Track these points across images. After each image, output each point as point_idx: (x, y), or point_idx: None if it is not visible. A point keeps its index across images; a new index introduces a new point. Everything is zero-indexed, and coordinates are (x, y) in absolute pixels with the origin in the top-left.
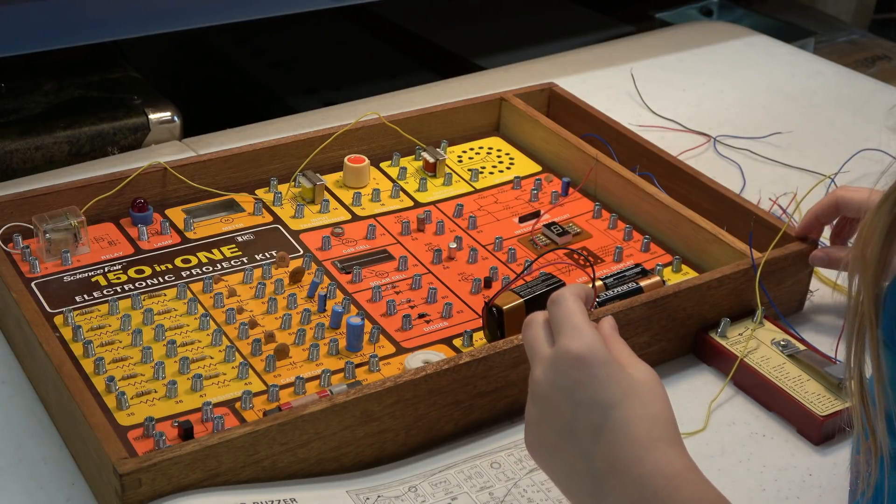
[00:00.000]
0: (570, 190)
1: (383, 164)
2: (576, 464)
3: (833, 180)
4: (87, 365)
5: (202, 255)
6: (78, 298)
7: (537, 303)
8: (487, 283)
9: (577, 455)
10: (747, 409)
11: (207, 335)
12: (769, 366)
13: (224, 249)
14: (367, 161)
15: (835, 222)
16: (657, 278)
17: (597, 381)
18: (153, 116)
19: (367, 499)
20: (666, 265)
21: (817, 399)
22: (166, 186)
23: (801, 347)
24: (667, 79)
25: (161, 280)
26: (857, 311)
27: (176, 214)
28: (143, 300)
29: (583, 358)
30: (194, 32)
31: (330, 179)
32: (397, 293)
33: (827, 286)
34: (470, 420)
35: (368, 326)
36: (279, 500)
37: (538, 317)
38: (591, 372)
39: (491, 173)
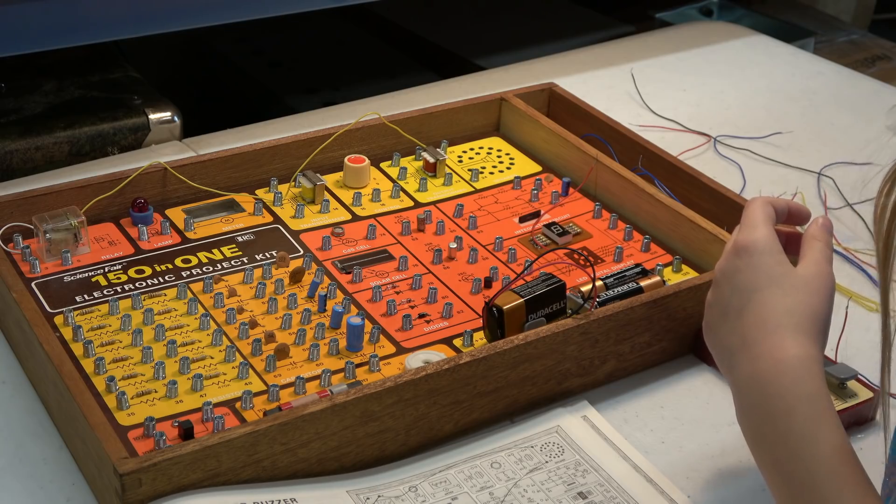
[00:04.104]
0: (571, 190)
1: (383, 164)
2: (724, 339)
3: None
4: (88, 365)
5: (202, 255)
6: (78, 298)
7: (538, 303)
8: (488, 283)
9: (726, 332)
10: None
11: (208, 335)
12: None
13: (224, 249)
14: (367, 161)
15: None
16: (657, 278)
17: (752, 269)
18: (153, 116)
19: (368, 499)
20: (666, 265)
21: None
22: (166, 186)
23: None
24: (667, 79)
25: (161, 280)
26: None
27: (176, 214)
28: (144, 300)
29: (745, 247)
30: (194, 32)
31: (330, 179)
32: (397, 293)
33: None
34: (470, 420)
35: (369, 326)
36: (279, 500)
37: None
38: (750, 260)
39: (491, 173)
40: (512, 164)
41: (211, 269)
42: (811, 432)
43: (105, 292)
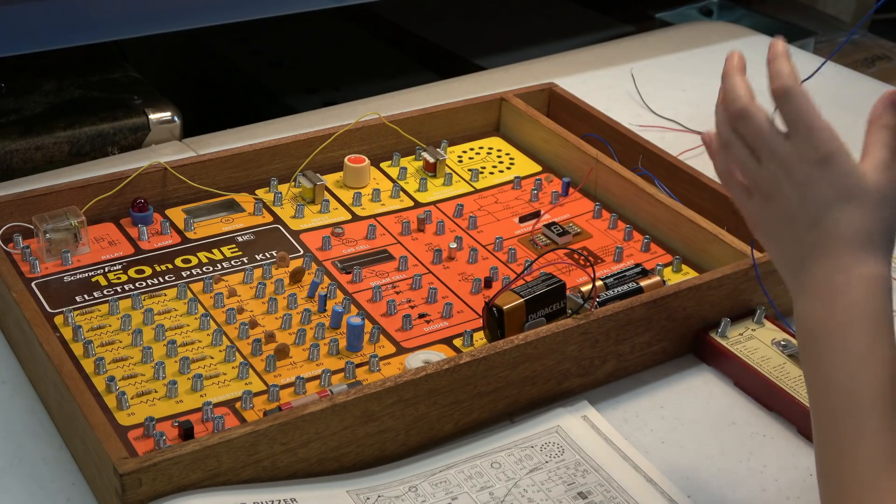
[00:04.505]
0: (571, 190)
1: (383, 164)
2: (790, 244)
3: None
4: (88, 365)
5: (202, 255)
6: (78, 298)
7: (538, 303)
8: (488, 283)
9: (793, 239)
10: (747, 409)
11: (208, 335)
12: (769, 366)
13: (224, 249)
14: (367, 161)
15: None
16: (657, 278)
17: (827, 182)
18: (153, 116)
19: (368, 499)
20: (666, 265)
21: None
22: (166, 186)
23: None
24: (667, 79)
25: (161, 280)
26: None
27: (176, 214)
28: (144, 300)
29: (824, 159)
30: (194, 32)
31: (330, 179)
32: (397, 293)
33: None
34: (470, 420)
35: (369, 326)
36: (279, 500)
37: (759, 113)
38: (827, 172)
39: (491, 173)
40: (512, 164)
41: (211, 269)
42: (866, 346)
43: (105, 292)
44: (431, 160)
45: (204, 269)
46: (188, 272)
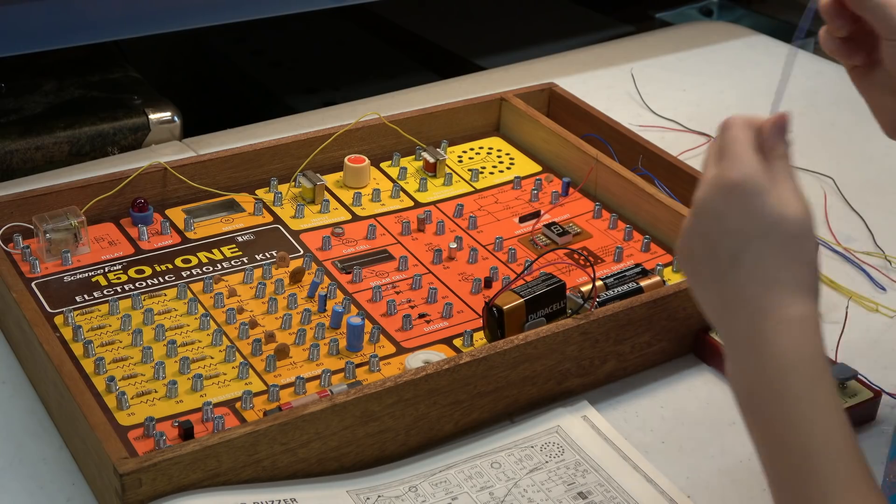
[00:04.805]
0: (571, 190)
1: (383, 164)
2: (711, 283)
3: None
4: (88, 365)
5: (202, 255)
6: (78, 298)
7: (538, 303)
8: (488, 283)
9: (715, 275)
10: None
11: (208, 335)
12: None
13: (224, 249)
14: (367, 161)
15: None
16: (657, 278)
17: (744, 213)
18: (153, 116)
19: (368, 499)
20: (666, 265)
21: None
22: (166, 186)
23: None
24: (667, 79)
25: (161, 280)
26: None
27: (176, 214)
28: (144, 300)
29: (736, 186)
30: (194, 32)
31: (330, 179)
32: (397, 293)
33: (827, 286)
34: (470, 420)
35: (369, 326)
36: (279, 500)
37: (714, 141)
38: (741, 202)
39: (491, 173)
40: (512, 164)
41: (211, 269)
42: (808, 393)
43: (105, 292)
44: (431, 160)
45: (204, 269)
46: (188, 272)
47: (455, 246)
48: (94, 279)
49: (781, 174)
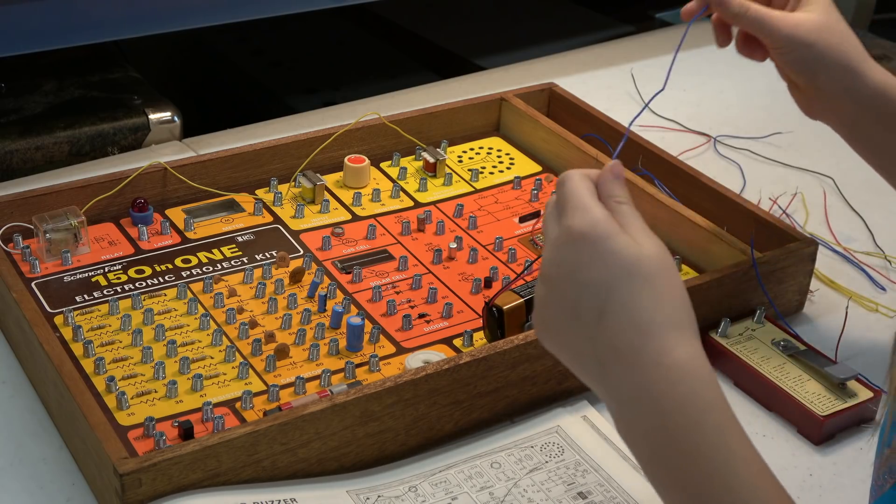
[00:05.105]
0: None
1: (383, 164)
2: (582, 346)
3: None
4: (88, 365)
5: (202, 255)
6: (78, 298)
7: None
8: (488, 283)
9: (583, 338)
10: (747, 409)
11: (207, 335)
12: (769, 366)
13: (224, 249)
14: (367, 161)
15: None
16: None
17: (599, 261)
18: (153, 116)
19: (368, 499)
20: None
21: (817, 399)
22: (166, 186)
23: (802, 347)
24: None
25: (161, 280)
26: None
27: (176, 214)
28: (144, 300)
29: (585, 236)
30: (194, 32)
31: (330, 179)
32: (397, 293)
33: (827, 286)
34: (470, 420)
35: (368, 326)
36: (279, 500)
37: (551, 199)
38: (594, 250)
39: (491, 173)
40: (512, 164)
41: (211, 269)
42: (724, 443)
43: (105, 292)
44: (431, 160)
45: (204, 269)
46: (188, 272)
47: (455, 246)
48: (94, 279)
49: (627, 217)
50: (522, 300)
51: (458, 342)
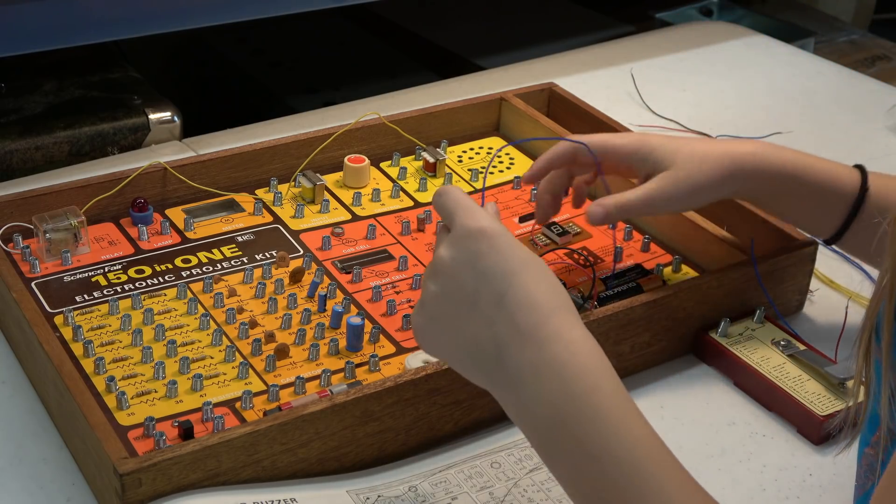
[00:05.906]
0: (571, 190)
1: (383, 164)
2: (479, 333)
3: None
4: (88, 365)
5: (202, 255)
6: (78, 298)
7: None
8: None
9: (481, 324)
10: (747, 409)
11: (207, 335)
12: (769, 366)
13: (224, 249)
14: (367, 161)
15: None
16: (657, 278)
17: (497, 251)
18: (153, 116)
19: (367, 499)
20: (666, 265)
21: (817, 399)
22: (166, 186)
23: (802, 347)
24: (667, 79)
25: (161, 280)
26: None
27: (176, 214)
28: (144, 300)
29: (483, 230)
30: (194, 32)
31: (330, 179)
32: (397, 293)
33: (827, 286)
34: (470, 420)
35: (368, 326)
36: (279, 500)
37: (438, 221)
38: (492, 242)
39: (491, 173)
40: (512, 164)
41: (211, 269)
42: (621, 403)
43: (105, 292)
44: (431, 160)
45: (204, 269)
46: (188, 272)
47: None
48: (93, 279)
49: (504, 237)
50: None
51: None
